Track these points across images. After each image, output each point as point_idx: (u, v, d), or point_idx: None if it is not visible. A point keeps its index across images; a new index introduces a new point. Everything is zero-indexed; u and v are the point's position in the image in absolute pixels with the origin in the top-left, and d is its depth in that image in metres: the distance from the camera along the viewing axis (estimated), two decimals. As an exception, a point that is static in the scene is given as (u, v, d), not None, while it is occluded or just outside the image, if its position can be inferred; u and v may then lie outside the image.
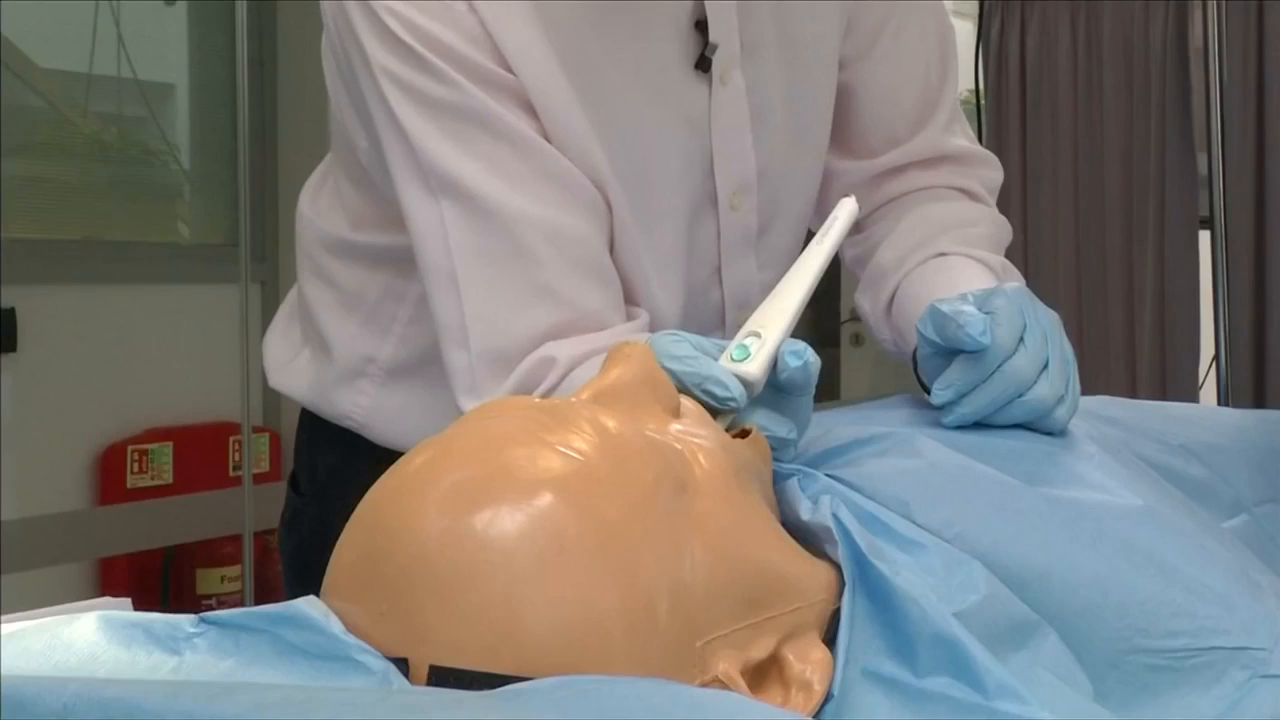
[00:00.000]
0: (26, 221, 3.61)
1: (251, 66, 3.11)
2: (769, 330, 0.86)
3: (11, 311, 3.45)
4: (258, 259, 3.67)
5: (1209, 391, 3.04)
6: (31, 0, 3.60)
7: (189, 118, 4.16)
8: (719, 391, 0.82)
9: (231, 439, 3.83)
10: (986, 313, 0.95)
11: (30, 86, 3.75)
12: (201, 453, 3.82)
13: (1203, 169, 3.16)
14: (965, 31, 3.64)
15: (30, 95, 3.77)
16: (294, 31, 4.10)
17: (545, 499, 0.67)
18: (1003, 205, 1.38)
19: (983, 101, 3.48)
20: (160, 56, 4.10)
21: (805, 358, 0.84)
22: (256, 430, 3.34)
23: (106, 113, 4.04)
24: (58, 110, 3.90)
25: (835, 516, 0.79)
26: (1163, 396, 3.17)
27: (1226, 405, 2.79)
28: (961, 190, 1.34)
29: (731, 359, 0.84)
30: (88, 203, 3.94)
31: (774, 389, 0.86)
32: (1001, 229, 1.32)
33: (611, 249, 1.16)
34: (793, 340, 0.86)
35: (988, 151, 1.38)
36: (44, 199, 3.79)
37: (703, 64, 1.19)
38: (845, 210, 0.95)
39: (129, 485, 3.67)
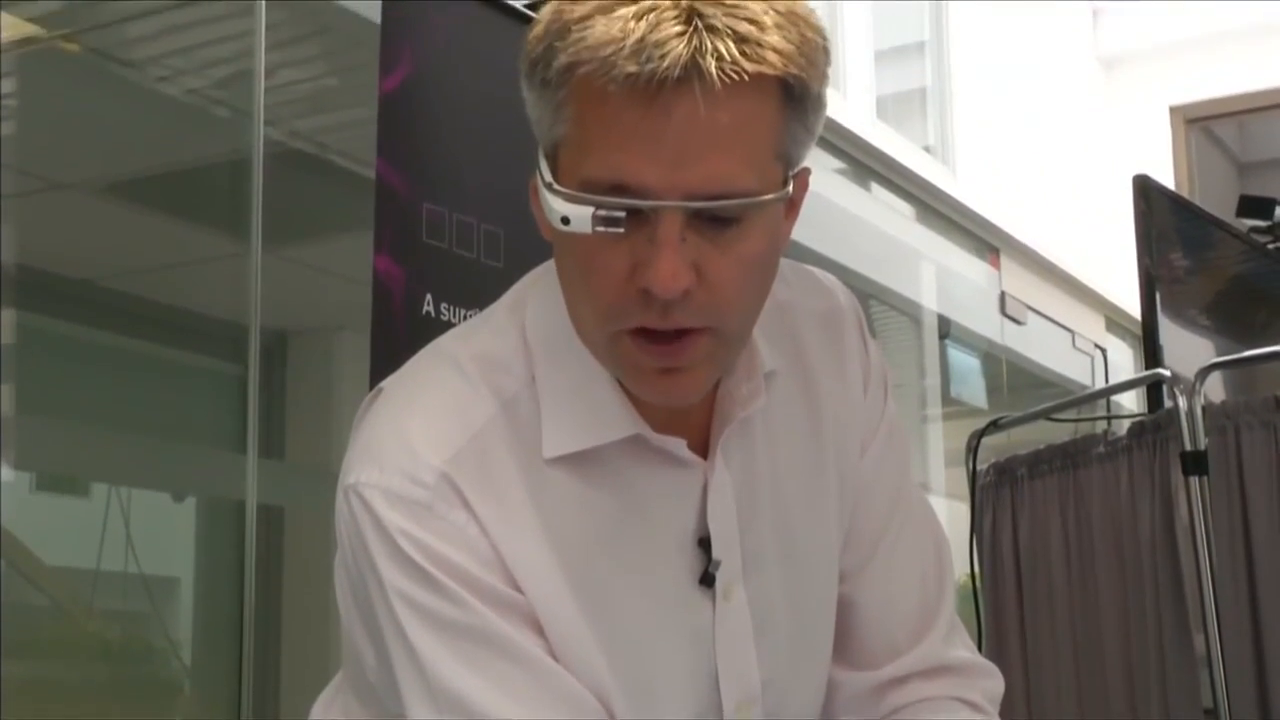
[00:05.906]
0: (23, 729, 3.56)
1: (259, 563, 3.14)
2: None
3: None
4: (259, 760, 3.61)
5: None
6: (43, 501, 3.67)
7: (192, 612, 4.16)
8: None
9: None
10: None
11: (37, 586, 3.77)
12: None
13: (1200, 648, 3.15)
14: (962, 514, 3.70)
15: (34, 593, 3.79)
16: (302, 530, 4.17)
17: None
18: (1007, 709, 1.39)
19: (979, 585, 3.52)
20: (166, 551, 4.14)
21: None
22: None
23: (111, 609, 4.05)
24: (63, 609, 3.91)
25: None
26: None
27: None
28: (963, 701, 1.35)
29: None
30: (86, 704, 3.89)
31: None
32: (1004, 740, 1.33)
33: None
34: None
35: (988, 662, 1.40)
36: (43, 702, 3.75)
37: (706, 579, 1.22)
38: None
39: None
